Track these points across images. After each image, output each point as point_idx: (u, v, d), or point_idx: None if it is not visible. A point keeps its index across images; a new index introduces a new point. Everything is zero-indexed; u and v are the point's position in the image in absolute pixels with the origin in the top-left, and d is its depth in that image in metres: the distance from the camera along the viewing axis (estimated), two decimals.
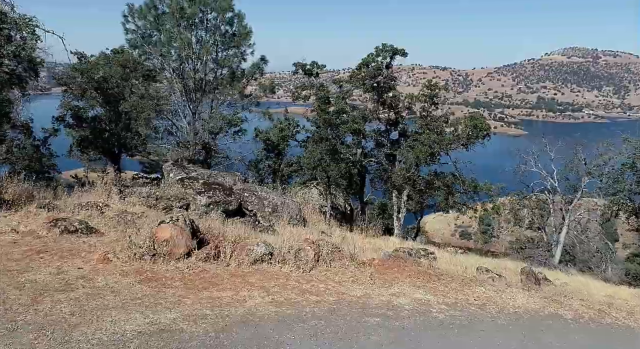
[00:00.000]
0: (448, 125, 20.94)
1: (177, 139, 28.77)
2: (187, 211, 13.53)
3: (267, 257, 9.77)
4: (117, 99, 24.94)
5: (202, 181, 14.89)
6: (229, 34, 29.84)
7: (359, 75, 22.74)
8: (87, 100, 25.36)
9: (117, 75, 25.53)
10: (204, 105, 31.47)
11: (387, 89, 22.71)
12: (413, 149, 19.91)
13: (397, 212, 21.76)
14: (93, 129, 24.90)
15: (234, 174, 17.14)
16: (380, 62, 22.60)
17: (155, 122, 31.42)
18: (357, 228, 17.68)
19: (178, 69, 29.34)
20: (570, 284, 14.29)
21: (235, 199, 14.83)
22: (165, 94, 29.43)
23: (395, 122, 22.87)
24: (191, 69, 29.87)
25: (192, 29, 29.76)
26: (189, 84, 30.40)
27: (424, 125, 21.30)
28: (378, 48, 22.43)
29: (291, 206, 15.93)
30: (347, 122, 20.08)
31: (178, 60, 29.01)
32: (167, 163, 16.50)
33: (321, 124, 15.69)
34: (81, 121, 25.15)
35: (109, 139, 25.32)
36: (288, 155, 22.92)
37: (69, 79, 24.62)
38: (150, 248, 9.22)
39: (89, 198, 14.77)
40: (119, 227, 11.16)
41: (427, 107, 21.66)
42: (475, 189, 21.91)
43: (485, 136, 19.94)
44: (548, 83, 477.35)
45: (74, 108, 24.48)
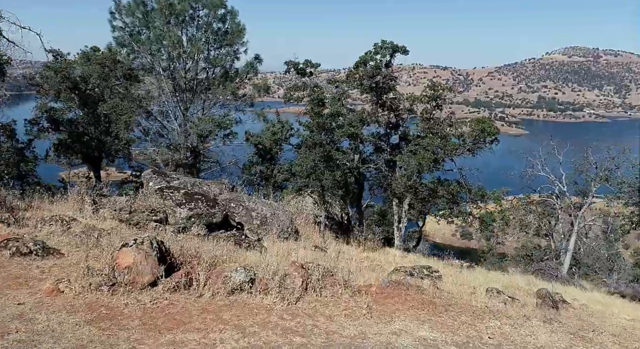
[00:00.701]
0: (453, 128, 19.49)
1: (168, 141, 27.45)
2: (164, 225, 12.19)
3: (247, 285, 8.43)
4: (96, 100, 23.55)
5: (184, 191, 13.55)
6: (222, 32, 28.56)
7: (356, 75, 21.11)
8: (65, 101, 23.85)
9: (96, 74, 24.09)
10: (196, 106, 30.22)
11: (387, 89, 20.82)
12: (415, 154, 18.43)
13: (397, 222, 20.31)
14: (70, 133, 23.43)
15: (220, 182, 15.80)
16: (379, 61, 20.87)
17: (145, 124, 30.13)
18: (355, 240, 16.38)
19: (168, 68, 28.03)
20: (590, 305, 12.97)
21: (220, 211, 13.49)
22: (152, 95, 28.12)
23: (395, 125, 21.40)
24: (182, 68, 28.58)
25: (183, 26, 28.49)
26: (180, 84, 29.13)
27: (426, 128, 19.79)
28: (377, 45, 20.39)
29: (282, 217, 14.59)
30: (343, 126, 18.67)
31: (168, 59, 27.71)
32: (146, 171, 15.17)
33: (314, 128, 14.30)
34: (58, 124, 23.66)
35: (89, 143, 23.86)
36: (282, 159, 21.49)
37: (42, 79, 23.10)
38: (109, 277, 7.90)
39: (59, 210, 13.48)
40: (81, 247, 9.82)
41: (430, 109, 20.20)
42: (482, 198, 20.42)
43: (493, 141, 18.50)
44: (549, 82, 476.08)
45: (49, 110, 22.99)
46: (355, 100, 26.21)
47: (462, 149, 18.81)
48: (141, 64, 28.78)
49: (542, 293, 11.29)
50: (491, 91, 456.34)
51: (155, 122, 29.76)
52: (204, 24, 28.38)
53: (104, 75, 24.42)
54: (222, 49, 28.79)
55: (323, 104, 14.92)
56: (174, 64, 28.28)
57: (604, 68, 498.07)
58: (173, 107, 28.98)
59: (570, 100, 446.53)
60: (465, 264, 16.65)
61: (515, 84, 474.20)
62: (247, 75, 29.41)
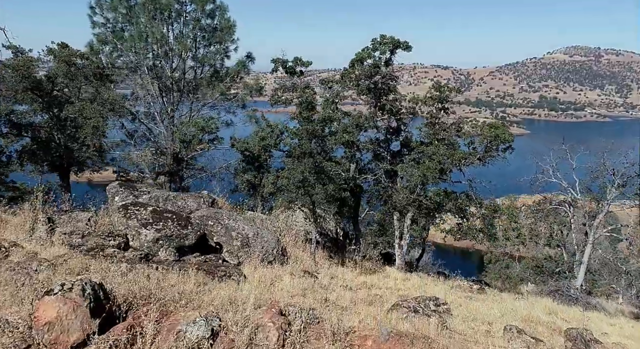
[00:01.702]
0: (461, 134, 17.52)
1: (156, 145, 25.65)
2: (124, 251, 10.36)
3: (207, 343, 6.60)
4: (63, 102, 21.58)
5: (152, 209, 11.72)
6: (210, 28, 26.75)
7: (352, 75, 18.75)
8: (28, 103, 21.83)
9: (61, 73, 22.13)
10: (184, 107, 28.43)
11: (387, 90, 18.53)
12: (418, 164, 16.53)
13: (399, 238, 18.34)
14: (33, 139, 21.41)
15: (198, 195, 13.97)
16: (378, 58, 18.60)
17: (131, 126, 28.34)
18: (351, 261, 14.57)
19: (153, 67, 26.22)
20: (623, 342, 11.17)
21: (194, 232, 11.67)
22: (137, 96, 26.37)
23: (396, 130, 19.39)
24: (168, 67, 26.77)
25: (169, 22, 26.69)
26: (167, 84, 27.35)
27: (431, 134, 17.74)
28: (375, 41, 18.34)
29: (267, 237, 12.77)
30: (337, 132, 16.73)
31: (153, 57, 25.91)
32: (112, 184, 13.33)
33: (304, 136, 12.48)
34: (20, 128, 21.62)
35: (57, 150, 21.82)
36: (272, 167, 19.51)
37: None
38: (23, 336, 6.10)
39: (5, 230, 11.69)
40: (10, 286, 8.01)
41: (435, 112, 18.14)
42: (494, 213, 18.37)
43: (507, 149, 16.56)
44: (550, 82, 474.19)
45: (9, 113, 20.97)
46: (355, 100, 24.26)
47: (472, 159, 16.83)
48: (125, 63, 26.97)
49: (572, 334, 9.47)
50: (492, 91, 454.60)
51: (141, 125, 27.99)
52: (191, 20, 26.57)
53: (71, 75, 22.45)
54: (211, 46, 26.99)
55: (313, 107, 13.04)
56: (159, 62, 26.49)
57: (606, 67, 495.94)
58: (159, 109, 27.20)
59: (572, 99, 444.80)
60: (475, 287, 14.82)
61: (517, 83, 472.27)
62: (239, 75, 27.58)
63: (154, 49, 25.52)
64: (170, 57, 26.53)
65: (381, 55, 18.16)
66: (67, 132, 20.61)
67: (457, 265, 34.89)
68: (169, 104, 27.45)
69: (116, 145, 27.56)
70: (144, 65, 26.35)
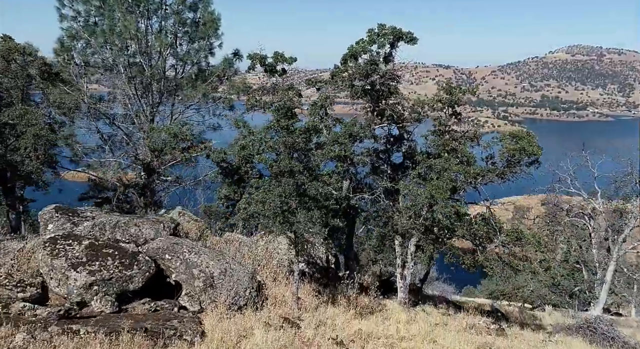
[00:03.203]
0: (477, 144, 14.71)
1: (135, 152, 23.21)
2: (39, 306, 7.93)
3: None
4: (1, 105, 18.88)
5: (88, 242, 9.25)
6: (191, 22, 24.28)
7: (345, 74, 15.43)
8: None
9: None
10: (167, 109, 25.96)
11: (387, 93, 15.51)
12: (425, 180, 13.88)
13: (400, 266, 15.60)
14: None
15: (158, 219, 11.48)
16: (376, 53, 15.28)
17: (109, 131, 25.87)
18: (344, 297, 12.08)
19: (128, 65, 23.74)
20: None
21: (142, 272, 9.20)
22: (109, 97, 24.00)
23: (398, 140, 16.91)
24: (147, 66, 24.27)
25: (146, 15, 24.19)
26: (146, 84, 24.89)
27: (440, 145, 14.61)
28: (372, 32, 14.84)
29: (238, 274, 10.30)
30: (326, 144, 14.03)
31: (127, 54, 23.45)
32: (46, 208, 10.84)
33: (282, 150, 9.90)
34: None
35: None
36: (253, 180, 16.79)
37: None
38: None
39: None
40: None
41: (446, 119, 14.81)
42: (518, 241, 15.55)
43: (533, 163, 13.86)
44: (552, 81, 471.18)
45: None
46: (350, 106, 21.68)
47: (490, 175, 14.09)
48: (100, 60, 24.54)
49: None
50: (494, 90, 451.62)
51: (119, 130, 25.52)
52: (171, 13, 24.09)
53: (11, 73, 19.77)
54: (194, 43, 24.50)
55: (293, 114, 10.47)
56: (135, 59, 24.04)
57: (608, 67, 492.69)
58: (137, 112, 24.74)
59: (574, 99, 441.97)
60: (492, 327, 12.32)
61: (519, 82, 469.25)
62: (224, 74, 25.10)
63: (128, 44, 23.04)
64: (149, 55, 24.07)
65: (379, 49, 15.08)
66: (7, 142, 18.00)
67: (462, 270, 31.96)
68: (148, 106, 25.02)
69: (92, 151, 25.11)
70: (119, 63, 23.90)
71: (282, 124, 9.98)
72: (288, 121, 9.96)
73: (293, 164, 9.78)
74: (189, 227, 12.86)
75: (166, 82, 24.99)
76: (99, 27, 23.04)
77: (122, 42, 23.02)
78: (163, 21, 24.03)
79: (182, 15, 23.80)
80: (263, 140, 11.37)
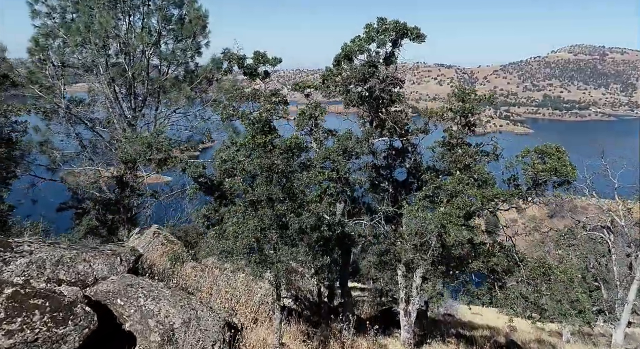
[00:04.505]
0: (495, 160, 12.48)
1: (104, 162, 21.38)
2: None
3: None
4: None
5: (12, 291, 7.40)
6: (176, 19, 22.45)
7: (338, 77, 13.06)
8: None
9: None
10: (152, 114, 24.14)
11: (388, 100, 13.06)
12: (434, 204, 11.90)
13: (404, 301, 13.62)
14: None
15: (114, 251, 9.59)
16: (375, 53, 12.86)
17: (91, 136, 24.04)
18: (337, 342, 10.21)
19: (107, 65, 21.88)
20: None
21: (79, 329, 7.35)
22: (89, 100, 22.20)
23: (401, 153, 15.03)
24: (128, 66, 22.43)
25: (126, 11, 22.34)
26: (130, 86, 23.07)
27: (452, 162, 12.33)
28: (371, 27, 12.48)
29: (205, 323, 8.45)
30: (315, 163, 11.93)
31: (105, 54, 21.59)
32: None
33: (258, 173, 7.97)
34: None
35: None
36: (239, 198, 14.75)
37: None
38: None
39: None
40: None
41: (458, 131, 12.40)
42: (545, 277, 13.39)
43: (563, 184, 11.76)
44: (554, 81, 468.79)
45: None
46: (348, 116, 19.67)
47: (512, 200, 11.97)
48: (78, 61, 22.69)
49: None
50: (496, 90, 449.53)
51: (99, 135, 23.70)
52: (155, 10, 22.24)
53: None
54: (179, 41, 22.66)
55: (271, 129, 8.57)
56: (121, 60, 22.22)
57: (610, 66, 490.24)
58: (118, 116, 22.91)
59: (576, 98, 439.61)
60: None
61: (521, 82, 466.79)
62: (212, 75, 23.27)
63: (108, 43, 21.21)
64: (130, 54, 22.23)
65: (379, 48, 12.67)
66: None
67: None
68: (131, 110, 23.20)
69: (70, 158, 23.30)
70: (99, 64, 22.07)
71: (258, 141, 8.15)
72: (265, 138, 8.12)
73: (271, 191, 7.94)
74: (154, 258, 11.00)
75: (150, 84, 23.21)
76: (75, 24, 21.23)
77: (101, 40, 21.19)
78: (146, 18, 22.21)
79: (166, 11, 21.96)
80: (236, 159, 9.45)
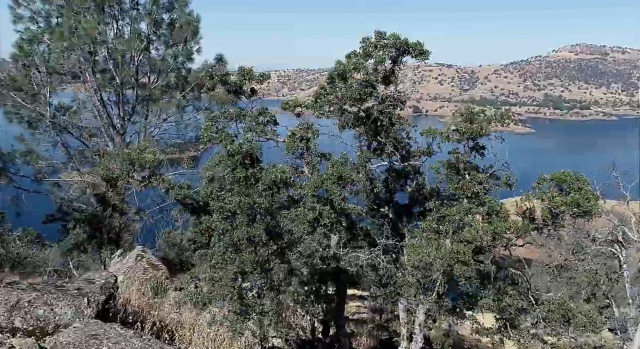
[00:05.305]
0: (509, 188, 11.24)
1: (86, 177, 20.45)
2: None
3: None
4: None
5: None
6: (167, 25, 21.52)
7: (331, 96, 11.62)
8: None
9: None
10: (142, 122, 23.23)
11: (388, 122, 11.70)
12: (438, 234, 10.72)
13: (407, 339, 12.55)
14: None
15: (83, 290, 8.57)
16: (373, 71, 11.55)
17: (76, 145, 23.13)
18: None
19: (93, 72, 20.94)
20: None
21: None
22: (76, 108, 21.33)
23: (402, 175, 14.09)
24: (116, 73, 21.48)
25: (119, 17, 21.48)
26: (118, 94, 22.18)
27: (458, 188, 11.04)
28: (368, 42, 11.41)
29: None
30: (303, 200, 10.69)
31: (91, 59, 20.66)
32: None
33: (238, 211, 7.03)
34: None
35: None
36: None
37: None
38: None
39: None
40: None
41: (465, 156, 11.23)
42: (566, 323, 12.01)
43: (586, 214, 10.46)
44: (555, 80, 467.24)
45: None
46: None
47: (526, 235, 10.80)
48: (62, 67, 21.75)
49: None
50: (497, 89, 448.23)
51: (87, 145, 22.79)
52: (145, 14, 21.31)
53: None
54: (169, 48, 21.73)
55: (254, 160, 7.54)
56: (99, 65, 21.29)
57: (612, 65, 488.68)
58: (106, 124, 21.99)
59: (577, 98, 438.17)
60: None
61: (522, 81, 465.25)
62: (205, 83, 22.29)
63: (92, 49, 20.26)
64: (117, 60, 21.28)
65: (377, 65, 11.48)
66: None
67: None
68: (119, 118, 22.28)
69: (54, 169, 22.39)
70: (85, 71, 21.15)
71: (238, 175, 7.18)
72: (246, 171, 7.15)
73: (253, 232, 6.98)
74: (132, 291, 9.98)
75: (140, 91, 22.31)
76: (58, 29, 20.31)
77: (87, 46, 20.26)
78: (134, 23, 21.24)
79: (156, 16, 20.99)
80: (214, 193, 8.45)
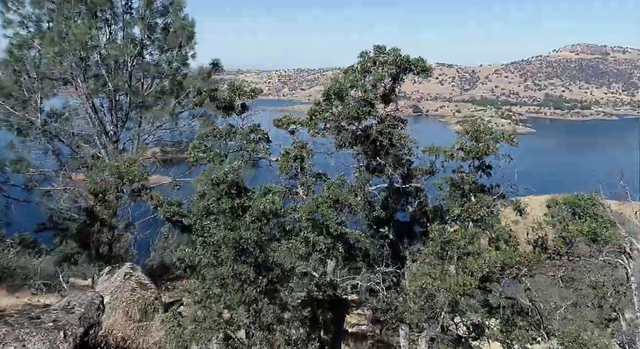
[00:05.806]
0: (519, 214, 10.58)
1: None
2: None
3: None
4: None
5: None
6: (160, 28, 20.96)
7: (327, 114, 10.94)
8: None
9: None
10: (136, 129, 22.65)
11: (388, 143, 10.97)
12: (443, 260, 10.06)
13: None
14: None
15: (59, 323, 7.98)
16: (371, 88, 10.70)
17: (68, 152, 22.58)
18: None
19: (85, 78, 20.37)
20: None
21: None
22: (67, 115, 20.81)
23: (403, 195, 13.15)
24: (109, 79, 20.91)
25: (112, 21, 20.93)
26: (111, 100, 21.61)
27: (464, 211, 10.48)
28: (366, 57, 10.77)
29: None
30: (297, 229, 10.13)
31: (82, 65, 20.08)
32: None
33: (223, 247, 6.50)
34: None
35: None
36: None
37: None
38: None
39: None
40: None
41: (470, 177, 10.52)
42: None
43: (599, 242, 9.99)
44: (556, 80, 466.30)
45: None
46: None
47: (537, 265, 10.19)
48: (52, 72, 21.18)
49: None
50: (497, 89, 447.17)
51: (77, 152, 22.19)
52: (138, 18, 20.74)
53: None
54: (162, 53, 21.17)
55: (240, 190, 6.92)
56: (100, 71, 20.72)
57: (612, 65, 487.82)
58: (99, 132, 21.42)
59: (578, 98, 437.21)
60: None
61: (522, 81, 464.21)
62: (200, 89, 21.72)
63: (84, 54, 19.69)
64: (112, 67, 20.71)
65: (376, 81, 10.72)
66: None
67: None
68: (112, 125, 21.71)
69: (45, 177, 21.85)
70: (77, 76, 20.58)
71: (224, 206, 6.61)
72: (232, 201, 6.57)
73: (239, 269, 6.40)
74: (114, 319, 9.40)
75: (133, 97, 21.74)
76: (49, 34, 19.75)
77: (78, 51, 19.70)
78: (128, 28, 20.67)
79: (149, 20, 20.41)
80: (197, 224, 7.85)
